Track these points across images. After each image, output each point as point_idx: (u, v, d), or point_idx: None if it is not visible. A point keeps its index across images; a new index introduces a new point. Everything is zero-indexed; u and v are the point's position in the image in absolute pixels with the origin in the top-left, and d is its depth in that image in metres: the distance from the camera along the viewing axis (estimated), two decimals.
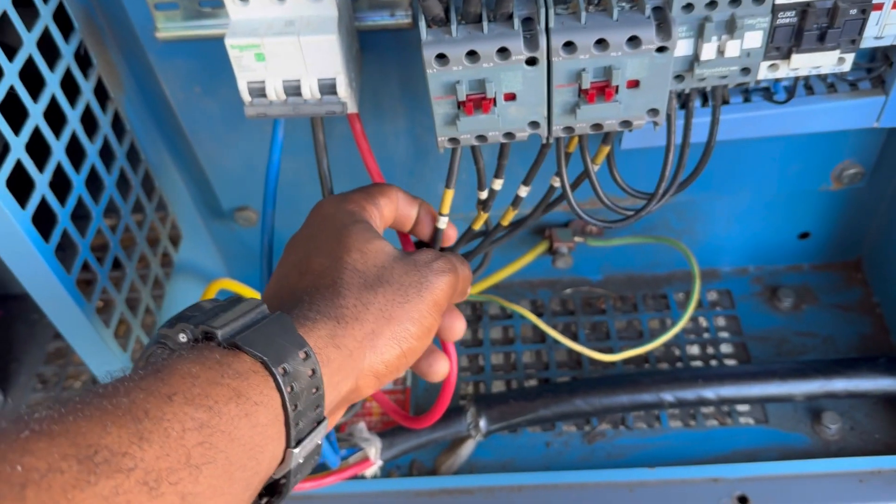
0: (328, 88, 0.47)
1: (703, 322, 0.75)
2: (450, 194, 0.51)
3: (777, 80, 0.54)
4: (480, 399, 0.66)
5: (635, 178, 0.58)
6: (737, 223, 0.72)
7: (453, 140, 0.47)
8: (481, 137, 0.46)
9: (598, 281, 0.79)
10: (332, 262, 0.38)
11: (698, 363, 0.72)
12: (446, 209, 0.52)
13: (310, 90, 0.47)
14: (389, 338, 0.37)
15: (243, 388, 0.28)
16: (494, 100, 0.44)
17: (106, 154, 0.57)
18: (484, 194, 0.54)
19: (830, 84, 0.56)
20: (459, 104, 0.44)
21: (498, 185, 0.53)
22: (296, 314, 0.35)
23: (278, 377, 0.30)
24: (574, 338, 0.75)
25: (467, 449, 0.66)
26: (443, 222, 0.53)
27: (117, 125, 0.58)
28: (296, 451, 0.31)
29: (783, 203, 0.71)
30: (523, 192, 0.54)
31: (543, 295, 0.78)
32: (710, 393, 0.63)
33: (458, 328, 0.46)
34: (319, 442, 0.33)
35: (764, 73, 0.46)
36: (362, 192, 0.45)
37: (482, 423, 0.65)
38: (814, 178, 0.67)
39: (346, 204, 0.43)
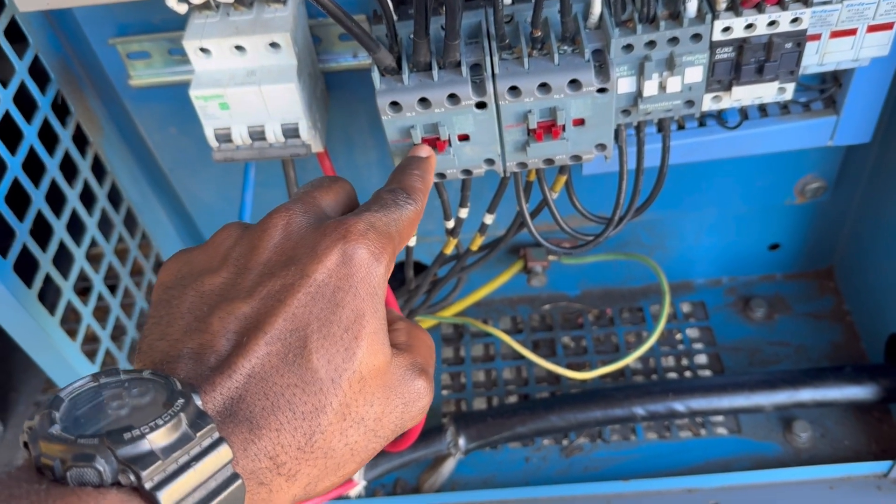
0: (291, 132, 0.49)
1: (677, 334, 0.76)
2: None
3: (724, 111, 0.56)
4: (459, 418, 0.68)
5: (599, 201, 0.60)
6: (707, 236, 0.74)
7: None
8: (441, 175, 0.48)
9: (575, 296, 0.81)
10: (327, 381, 0.28)
11: (673, 375, 0.74)
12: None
13: (273, 134, 0.49)
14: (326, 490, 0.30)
15: None
16: (449, 141, 0.46)
17: (87, 196, 0.59)
18: (450, 223, 0.56)
19: (784, 105, 0.57)
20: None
21: (464, 213, 0.55)
22: (250, 458, 0.26)
23: None
24: (553, 353, 0.77)
25: (449, 466, 0.68)
26: (412, 241, 0.56)
27: (98, 168, 0.61)
28: None
29: (751, 216, 0.72)
30: (489, 219, 0.57)
31: (523, 311, 0.80)
32: (680, 406, 0.65)
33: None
34: None
35: (708, 104, 0.48)
36: (391, 239, 0.32)
37: (461, 441, 0.67)
38: (778, 193, 0.69)
39: (379, 267, 0.31)
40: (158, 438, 0.23)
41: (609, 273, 0.78)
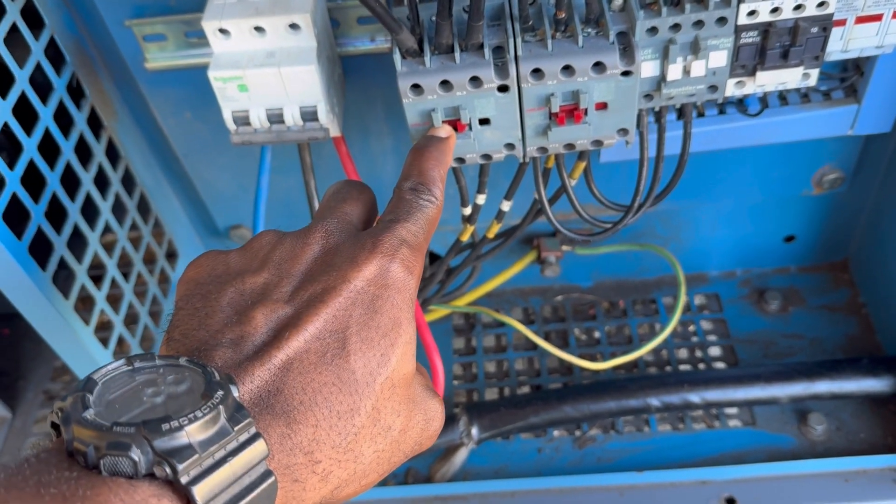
0: (310, 115, 0.49)
1: (691, 326, 0.76)
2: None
3: (747, 96, 0.55)
4: (472, 408, 0.67)
5: (616, 190, 0.60)
6: (722, 228, 0.74)
7: None
8: (460, 160, 0.48)
9: (588, 287, 0.80)
10: (364, 386, 0.28)
11: (687, 367, 0.73)
12: None
13: (292, 117, 0.49)
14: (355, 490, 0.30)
15: None
16: (469, 124, 0.45)
17: (101, 181, 0.59)
18: (468, 210, 0.55)
19: (804, 94, 0.57)
20: None
21: (481, 199, 0.54)
22: (286, 453, 0.26)
23: None
24: (565, 344, 0.76)
25: (461, 456, 0.68)
26: None
27: (112, 152, 0.60)
28: None
29: (767, 208, 0.72)
30: (506, 206, 0.56)
31: (535, 302, 0.80)
32: (695, 397, 0.65)
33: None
34: None
35: (731, 90, 0.48)
36: (416, 261, 0.33)
37: (474, 431, 0.66)
38: (795, 183, 0.68)
39: (412, 279, 0.32)
40: (196, 431, 0.23)
41: (622, 264, 0.78)
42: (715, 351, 0.74)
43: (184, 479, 0.22)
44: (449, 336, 0.78)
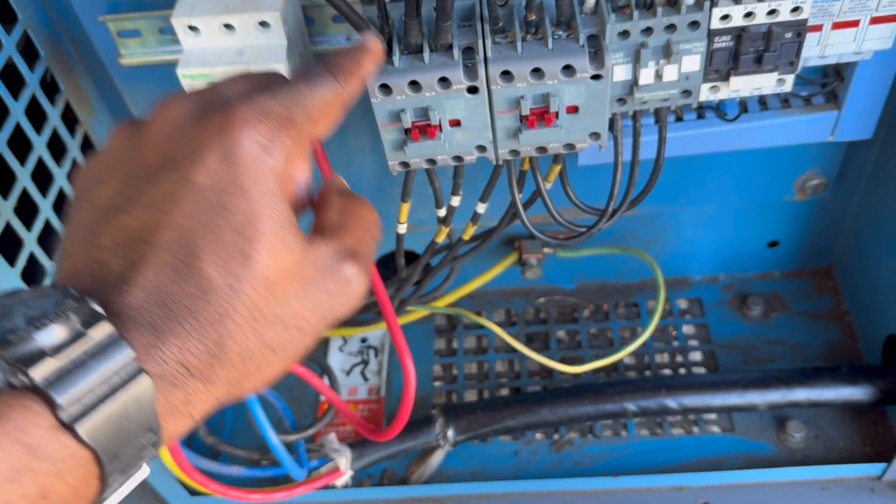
0: None
1: (672, 330, 0.75)
2: (406, 206, 0.54)
3: (722, 101, 0.55)
4: (448, 409, 0.67)
5: (595, 194, 0.59)
6: (705, 232, 0.73)
7: (404, 164, 0.48)
8: (431, 161, 0.48)
9: (570, 290, 0.80)
10: (226, 287, 0.26)
11: (667, 371, 0.73)
12: (404, 218, 0.55)
13: None
14: (270, 370, 0.29)
15: (51, 488, 0.22)
16: (440, 126, 0.45)
17: None
18: (442, 211, 0.55)
19: (784, 99, 0.56)
20: (406, 131, 0.45)
21: (456, 201, 0.54)
22: (157, 361, 0.25)
23: (107, 471, 0.24)
24: (546, 347, 0.76)
25: (437, 458, 0.68)
26: (402, 228, 0.55)
27: (87, 148, 0.60)
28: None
29: (749, 213, 0.71)
30: (481, 208, 0.56)
31: (517, 304, 0.79)
32: (672, 402, 0.64)
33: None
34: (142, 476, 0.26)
35: (705, 94, 0.47)
36: (287, 123, 0.29)
37: (450, 433, 0.66)
38: (777, 189, 0.68)
39: (275, 149, 0.28)
40: (47, 337, 0.23)
41: (605, 267, 0.78)
42: (695, 356, 0.74)
43: (41, 383, 0.22)
44: (430, 337, 0.78)
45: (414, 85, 0.43)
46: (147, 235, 0.26)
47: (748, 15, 0.43)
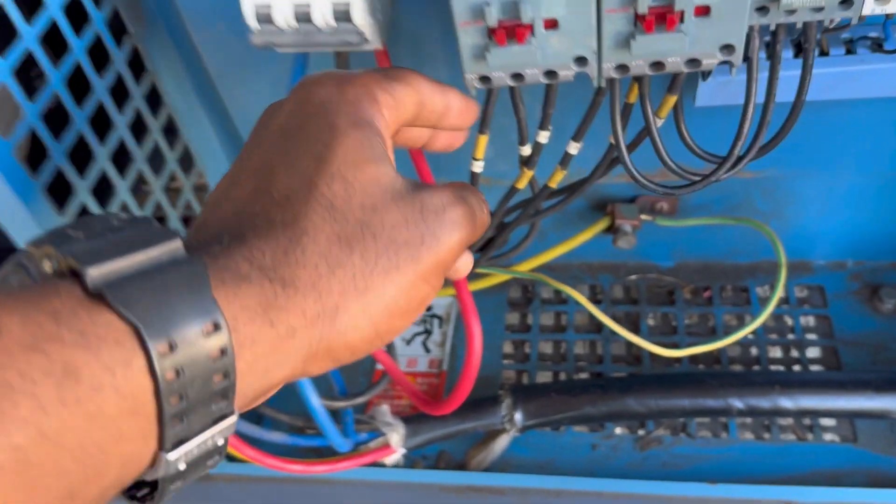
0: (343, 14, 0.41)
1: (788, 321, 0.65)
2: (483, 140, 0.45)
3: (889, 17, 0.44)
4: (518, 390, 0.58)
5: (710, 145, 0.49)
6: (836, 207, 0.62)
7: (484, 79, 0.39)
8: (517, 76, 0.39)
9: (668, 268, 0.70)
10: (301, 188, 0.26)
11: (779, 367, 0.62)
12: (481, 153, 0.46)
13: (322, 16, 0.41)
14: (360, 314, 0.26)
15: (80, 363, 0.19)
16: (532, 27, 0.36)
17: (119, 93, 0.52)
18: (527, 149, 0.46)
19: None
20: (490, 32, 0.37)
21: (543, 137, 0.45)
22: (222, 259, 0.24)
23: (154, 355, 0.20)
24: (635, 330, 0.66)
25: (501, 444, 0.59)
26: (477, 166, 0.47)
27: (136, 63, 0.54)
28: (171, 456, 0.22)
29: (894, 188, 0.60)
30: (573, 148, 0.47)
31: (604, 280, 0.70)
32: (787, 402, 0.54)
33: (464, 266, 0.32)
34: (221, 442, 0.23)
35: (870, 6, 0.37)
36: (375, 76, 0.30)
37: (517, 416, 0.57)
38: None
39: (350, 89, 0.29)
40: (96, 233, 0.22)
41: (712, 243, 0.67)
42: (814, 352, 0.63)
43: (71, 254, 0.21)
44: (502, 310, 0.69)
45: None
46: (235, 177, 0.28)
47: None
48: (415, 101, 0.31)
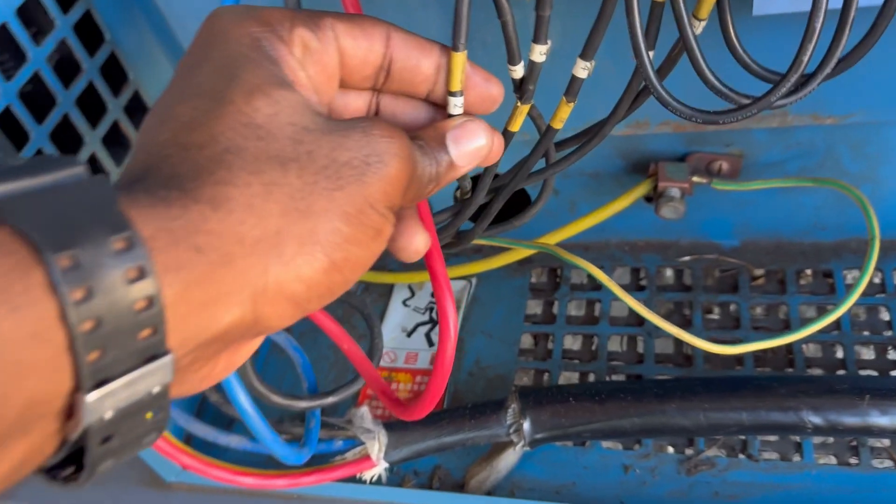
0: None
1: (883, 314, 0.51)
2: (460, 60, 0.32)
3: None
4: (528, 394, 0.46)
5: (771, 61, 0.37)
6: None
7: None
8: None
9: (730, 247, 0.57)
10: (213, 107, 0.24)
11: (870, 372, 0.49)
12: (457, 82, 0.32)
13: None
14: (307, 241, 0.23)
15: None
16: None
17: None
18: (518, 70, 0.34)
19: None
20: None
21: (539, 53, 0.33)
22: (138, 186, 0.22)
23: (55, 270, 0.18)
24: (686, 323, 0.53)
25: (508, 460, 0.48)
26: (455, 106, 0.33)
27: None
28: (90, 397, 0.19)
29: None
30: (581, 70, 0.34)
31: (649, 262, 0.57)
32: (881, 417, 0.40)
33: (416, 242, 0.29)
34: (157, 389, 0.21)
35: None
36: (287, 14, 0.27)
37: (526, 426, 0.46)
38: None
39: (253, 21, 0.26)
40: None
41: (785, 216, 0.54)
42: None
43: None
44: (522, 295, 0.58)
45: None
46: None
47: None
48: (363, 51, 0.28)
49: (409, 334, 0.57)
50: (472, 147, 0.30)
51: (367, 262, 0.25)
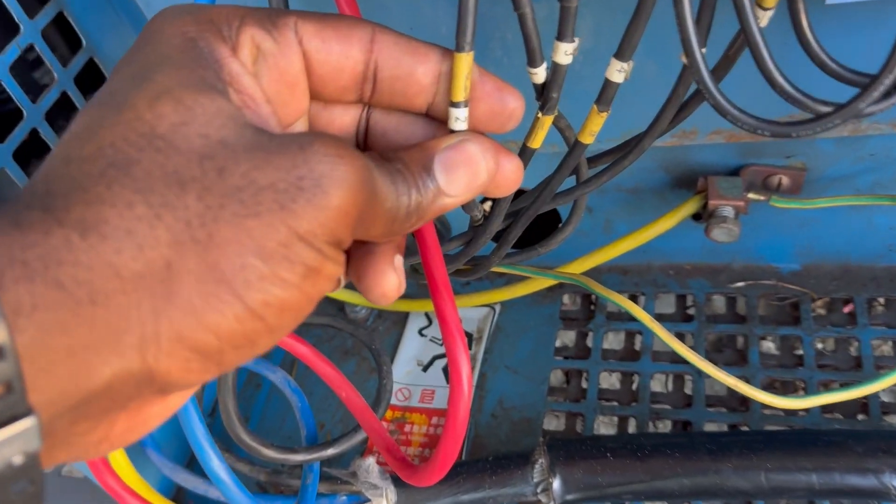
0: None
1: None
2: (465, 61, 0.26)
3: None
4: (558, 446, 0.40)
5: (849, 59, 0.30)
6: None
7: None
8: None
9: (791, 272, 0.50)
10: (108, 113, 0.20)
11: None
12: (460, 92, 0.25)
13: None
14: (208, 279, 0.19)
15: None
16: None
17: None
18: (539, 73, 0.28)
19: None
20: None
21: (564, 54, 0.27)
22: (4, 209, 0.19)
23: None
24: (742, 361, 0.47)
25: None
26: (458, 120, 0.27)
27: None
28: None
29: None
30: (617, 74, 0.28)
31: (697, 288, 0.51)
32: None
33: (384, 285, 0.24)
34: (19, 461, 0.17)
35: None
36: (239, 11, 0.23)
37: (556, 485, 0.39)
38: None
39: (191, 19, 0.22)
40: None
41: (854, 236, 0.47)
42: None
43: None
44: (552, 325, 0.51)
45: None
46: None
47: None
48: (312, 53, 0.23)
49: (426, 368, 0.51)
50: (466, 174, 0.24)
51: (301, 306, 0.21)
